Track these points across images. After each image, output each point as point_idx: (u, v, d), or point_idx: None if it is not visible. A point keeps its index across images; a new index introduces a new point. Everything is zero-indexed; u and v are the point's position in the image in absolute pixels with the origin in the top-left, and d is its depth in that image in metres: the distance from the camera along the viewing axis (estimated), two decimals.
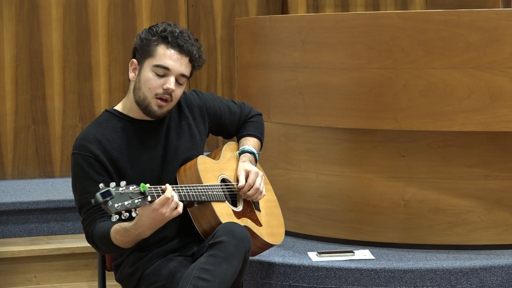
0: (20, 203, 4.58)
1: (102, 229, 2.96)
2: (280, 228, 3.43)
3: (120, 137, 3.10)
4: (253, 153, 3.37)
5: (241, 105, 3.49)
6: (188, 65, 3.12)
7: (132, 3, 5.51)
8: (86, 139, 3.06)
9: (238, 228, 3.00)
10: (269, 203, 3.42)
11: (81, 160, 3.03)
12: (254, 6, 5.84)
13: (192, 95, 3.33)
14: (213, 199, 3.10)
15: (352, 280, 3.60)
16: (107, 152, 3.05)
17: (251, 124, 3.47)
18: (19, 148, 5.33)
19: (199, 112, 3.30)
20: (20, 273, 4.37)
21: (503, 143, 3.78)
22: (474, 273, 3.60)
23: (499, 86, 3.67)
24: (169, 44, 3.08)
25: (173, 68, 3.07)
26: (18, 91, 5.32)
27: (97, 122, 3.14)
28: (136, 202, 2.74)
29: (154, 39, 3.09)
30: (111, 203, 2.69)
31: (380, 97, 3.78)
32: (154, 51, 3.08)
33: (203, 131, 3.31)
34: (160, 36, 3.09)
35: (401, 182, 3.85)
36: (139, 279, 3.12)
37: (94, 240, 3.01)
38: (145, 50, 3.10)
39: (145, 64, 3.09)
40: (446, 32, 3.69)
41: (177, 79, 3.09)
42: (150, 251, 3.13)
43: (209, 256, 2.92)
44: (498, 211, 3.82)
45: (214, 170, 3.23)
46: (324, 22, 3.91)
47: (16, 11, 5.30)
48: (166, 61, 3.07)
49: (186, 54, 3.10)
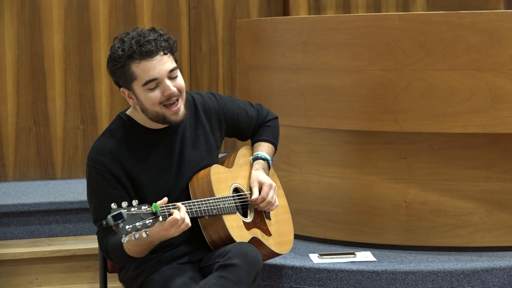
0: (22, 205, 4.58)
1: (115, 241, 2.96)
2: (289, 236, 3.44)
3: (133, 149, 3.07)
4: (266, 160, 3.36)
5: (258, 108, 3.46)
6: (167, 57, 3.00)
7: (133, 5, 5.52)
8: (101, 152, 3.02)
9: (251, 252, 3.01)
10: (279, 209, 3.40)
11: (96, 174, 3.01)
12: (255, 8, 5.85)
13: (210, 99, 3.27)
14: (225, 212, 3.10)
15: (353, 282, 3.59)
16: (122, 165, 3.03)
17: (267, 128, 3.45)
18: (20, 150, 5.34)
19: (217, 117, 3.27)
20: (22, 275, 4.37)
21: (505, 145, 3.78)
22: (475, 275, 3.60)
23: (500, 87, 3.67)
24: (138, 59, 2.95)
25: (159, 75, 2.97)
26: (19, 93, 5.32)
27: (111, 132, 3.09)
28: (147, 222, 2.74)
29: (122, 65, 2.97)
30: (122, 225, 2.69)
31: (382, 99, 3.78)
32: (132, 74, 2.97)
33: (219, 138, 3.29)
34: (126, 57, 2.95)
35: (403, 184, 3.85)
36: (142, 283, 3.11)
37: (108, 253, 3.02)
38: (124, 78, 2.99)
39: (134, 88, 3.00)
40: (447, 33, 3.69)
41: (169, 77, 3.01)
42: (155, 256, 3.13)
43: (219, 278, 2.93)
44: (499, 213, 3.82)
45: (227, 180, 3.22)
46: (326, 24, 3.91)
47: (17, 12, 5.30)
48: (149, 74, 2.97)
49: (157, 53, 2.98)
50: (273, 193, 3.24)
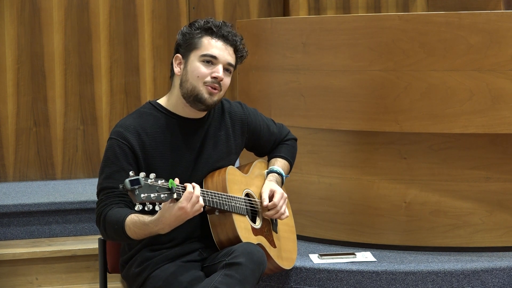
0: (22, 205, 4.58)
1: (117, 214, 2.96)
2: (292, 254, 3.46)
3: (158, 133, 3.12)
4: (281, 174, 3.38)
5: (280, 126, 3.51)
6: (233, 55, 3.15)
7: (133, 5, 5.52)
8: (127, 128, 3.08)
9: (257, 252, 3.02)
10: (285, 226, 3.43)
11: (116, 147, 3.05)
12: (255, 8, 5.85)
13: (237, 106, 3.34)
14: (235, 211, 3.11)
15: (353, 282, 3.60)
16: (143, 145, 3.07)
17: (285, 146, 3.49)
18: (20, 150, 5.34)
19: (240, 124, 3.32)
20: (22, 275, 4.37)
21: (504, 145, 3.78)
22: (475, 275, 3.60)
23: (500, 88, 3.67)
24: (214, 35, 3.11)
25: (220, 57, 3.10)
26: (19, 93, 5.32)
27: (139, 113, 3.16)
28: (162, 196, 2.76)
29: (197, 32, 3.11)
30: (138, 192, 2.71)
31: (381, 99, 3.78)
32: (199, 43, 3.10)
33: (239, 144, 3.33)
34: (204, 28, 3.11)
35: (403, 184, 3.85)
36: (145, 280, 3.12)
37: (105, 224, 2.99)
38: (189, 43, 3.11)
39: (191, 56, 3.10)
40: (447, 34, 3.69)
41: (225, 68, 3.12)
42: (159, 253, 3.13)
43: (225, 276, 2.94)
44: (499, 213, 3.82)
45: (240, 183, 3.24)
46: (326, 24, 3.91)
47: (17, 13, 5.30)
48: (212, 50, 3.09)
49: (231, 44, 3.13)
50: (283, 203, 3.26)
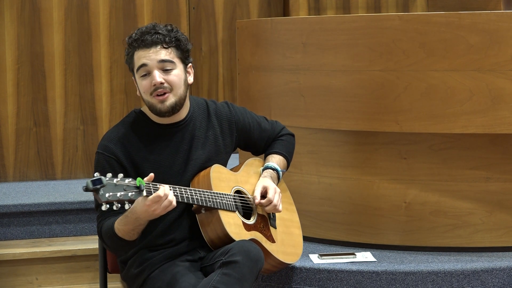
0: (22, 205, 4.58)
1: (109, 223, 3.01)
2: (296, 249, 3.45)
3: (144, 141, 3.14)
4: (276, 170, 3.38)
5: (273, 122, 3.51)
6: (164, 50, 3.12)
7: (133, 5, 5.52)
8: (111, 140, 3.12)
9: (254, 250, 3.02)
10: (289, 222, 3.43)
11: (103, 161, 3.10)
12: (255, 8, 5.85)
13: (223, 107, 3.34)
14: (221, 207, 3.11)
15: (353, 282, 3.60)
16: (130, 155, 3.11)
17: (280, 142, 3.48)
18: (20, 151, 5.34)
19: (228, 124, 3.32)
20: (22, 275, 4.37)
21: (504, 145, 3.78)
22: (475, 275, 3.60)
23: (500, 88, 3.67)
24: (136, 47, 3.12)
25: (148, 63, 3.10)
26: (19, 93, 5.32)
27: (123, 123, 3.19)
28: (130, 195, 2.78)
29: (129, 51, 3.16)
30: (102, 192, 2.72)
31: (381, 99, 3.78)
32: (132, 61, 3.15)
33: (229, 144, 3.33)
34: (130, 46, 3.15)
35: (403, 184, 3.85)
36: (145, 280, 3.12)
37: (102, 236, 3.05)
38: (129, 64, 3.17)
39: (135, 76, 3.16)
40: (447, 34, 3.69)
41: (161, 68, 3.10)
42: (158, 253, 3.14)
43: (222, 275, 2.94)
44: (499, 213, 3.82)
45: (229, 181, 3.24)
46: (326, 25, 3.91)
47: (17, 13, 5.30)
48: (140, 61, 3.11)
49: (154, 44, 3.10)
50: (278, 197, 3.27)
